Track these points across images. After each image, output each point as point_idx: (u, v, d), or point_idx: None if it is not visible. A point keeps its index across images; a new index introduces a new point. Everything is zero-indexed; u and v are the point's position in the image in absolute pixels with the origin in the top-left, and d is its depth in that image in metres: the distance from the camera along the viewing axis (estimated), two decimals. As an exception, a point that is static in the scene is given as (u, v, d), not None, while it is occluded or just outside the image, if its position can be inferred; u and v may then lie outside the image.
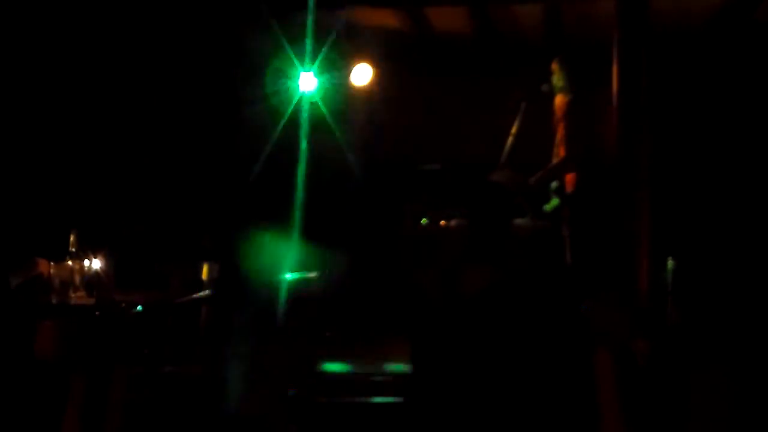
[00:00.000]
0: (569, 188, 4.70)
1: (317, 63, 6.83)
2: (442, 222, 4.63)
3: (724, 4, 5.96)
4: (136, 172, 6.39)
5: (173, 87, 6.60)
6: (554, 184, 4.77)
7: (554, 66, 4.76)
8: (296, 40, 6.72)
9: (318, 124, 6.94)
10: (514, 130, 4.70)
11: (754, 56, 6.53)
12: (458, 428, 4.02)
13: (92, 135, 6.04)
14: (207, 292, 3.60)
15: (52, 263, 3.11)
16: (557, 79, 4.73)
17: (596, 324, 2.25)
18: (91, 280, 3.12)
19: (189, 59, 6.62)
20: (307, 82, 6.85)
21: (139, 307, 3.18)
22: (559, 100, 4.75)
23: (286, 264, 6.09)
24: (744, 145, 6.52)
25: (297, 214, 6.84)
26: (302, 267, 3.59)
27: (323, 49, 6.69)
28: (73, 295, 3.08)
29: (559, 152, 4.74)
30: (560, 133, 4.73)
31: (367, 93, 6.73)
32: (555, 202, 4.76)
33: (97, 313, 3.04)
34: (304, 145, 7.04)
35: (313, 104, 6.92)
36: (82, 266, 3.11)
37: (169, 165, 6.63)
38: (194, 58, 6.63)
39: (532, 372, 4.09)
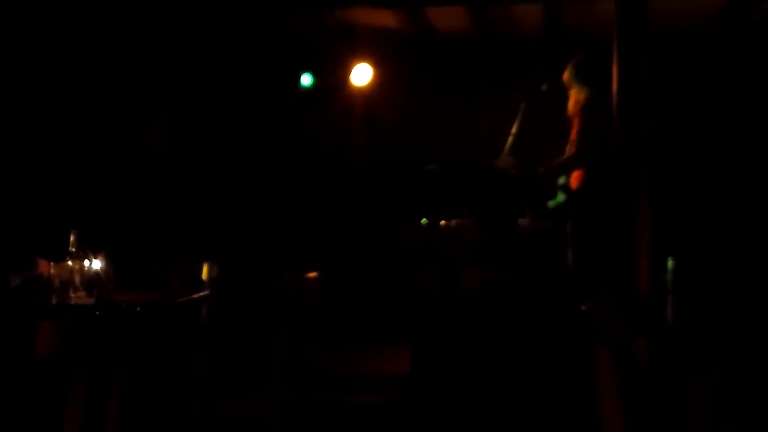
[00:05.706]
0: (574, 185, 4.68)
1: (317, 63, 6.84)
2: (442, 222, 4.62)
3: (724, 5, 5.96)
4: (136, 172, 6.39)
5: (174, 89, 6.60)
6: (562, 180, 4.75)
7: (569, 70, 4.72)
8: (297, 40, 6.72)
9: (317, 124, 6.94)
10: (514, 130, 4.69)
11: (753, 56, 6.53)
12: (458, 428, 4.03)
13: (92, 135, 6.04)
14: (207, 292, 3.59)
15: (52, 263, 3.10)
16: (578, 78, 4.69)
17: (596, 324, 2.25)
18: (91, 280, 3.11)
19: (188, 60, 6.61)
20: (307, 81, 6.86)
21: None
22: (578, 95, 4.71)
23: (286, 263, 6.09)
24: (743, 145, 6.52)
25: (297, 215, 6.84)
26: (302, 267, 3.58)
27: (323, 49, 6.69)
28: (73, 295, 3.07)
29: (570, 148, 4.72)
30: (575, 129, 4.71)
31: (367, 93, 6.74)
32: (561, 198, 4.74)
33: (97, 313, 3.03)
34: (303, 144, 7.04)
35: (312, 103, 6.92)
36: (82, 266, 3.10)
37: (169, 165, 6.63)
38: (192, 59, 6.63)
39: (533, 371, 4.10)
